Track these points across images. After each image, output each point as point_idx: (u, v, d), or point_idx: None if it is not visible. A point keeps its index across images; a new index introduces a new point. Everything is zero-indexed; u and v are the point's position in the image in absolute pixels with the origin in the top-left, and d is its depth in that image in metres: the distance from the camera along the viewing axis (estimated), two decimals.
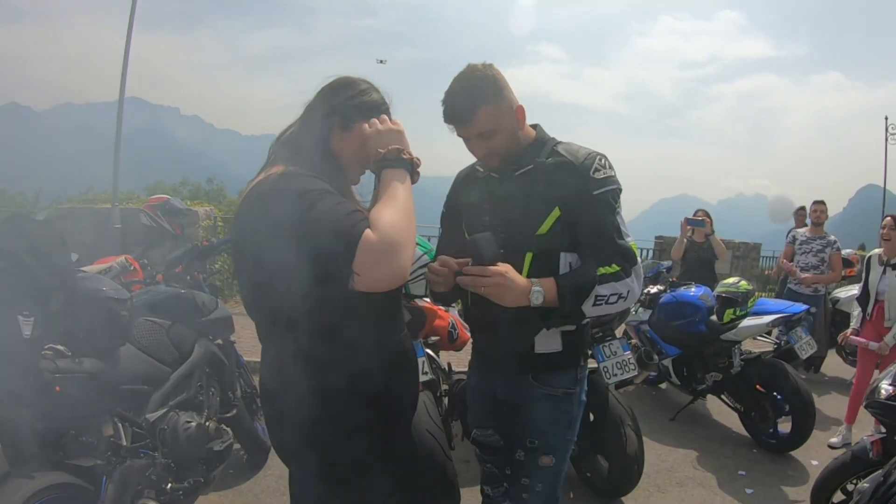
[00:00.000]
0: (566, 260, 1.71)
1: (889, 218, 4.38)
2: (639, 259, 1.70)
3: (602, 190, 1.66)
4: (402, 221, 1.26)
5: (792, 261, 5.99)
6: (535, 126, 1.83)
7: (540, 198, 1.69)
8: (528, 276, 1.63)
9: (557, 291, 1.60)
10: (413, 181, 1.41)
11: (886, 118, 17.29)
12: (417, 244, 3.00)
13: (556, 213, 1.68)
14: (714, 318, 4.39)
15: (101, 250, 7.73)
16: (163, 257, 3.59)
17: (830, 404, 5.12)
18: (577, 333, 1.79)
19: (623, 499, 3.34)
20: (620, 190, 1.71)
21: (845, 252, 6.61)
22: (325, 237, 1.19)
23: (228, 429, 2.92)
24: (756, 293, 4.47)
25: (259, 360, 1.48)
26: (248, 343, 4.31)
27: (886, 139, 16.91)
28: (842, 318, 6.11)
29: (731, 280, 4.44)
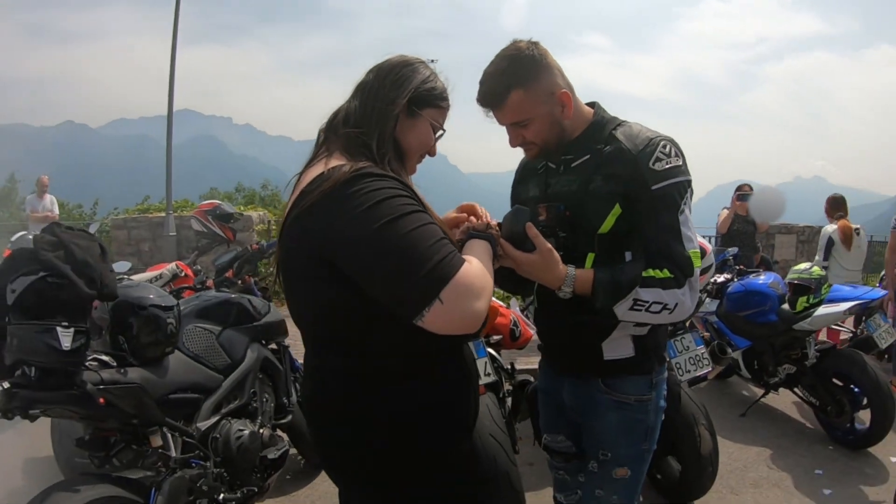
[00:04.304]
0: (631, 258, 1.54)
1: None
2: (697, 271, 1.48)
3: (663, 184, 1.45)
4: (488, 274, 1.18)
5: None
6: (592, 104, 1.64)
7: (599, 193, 1.51)
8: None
9: (592, 285, 1.44)
10: (494, 254, 1.31)
11: None
12: None
13: (617, 209, 1.49)
14: (786, 306, 4.12)
15: (156, 259, 7.96)
16: (215, 262, 3.59)
17: None
18: (652, 336, 1.62)
19: (695, 502, 3.16)
20: (689, 182, 1.50)
21: None
22: (406, 259, 1.06)
23: (284, 435, 2.88)
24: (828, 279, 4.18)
25: None
26: (302, 345, 4.32)
27: None
28: None
29: (802, 266, 4.16)
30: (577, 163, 1.58)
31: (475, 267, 1.12)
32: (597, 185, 1.51)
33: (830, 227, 5.78)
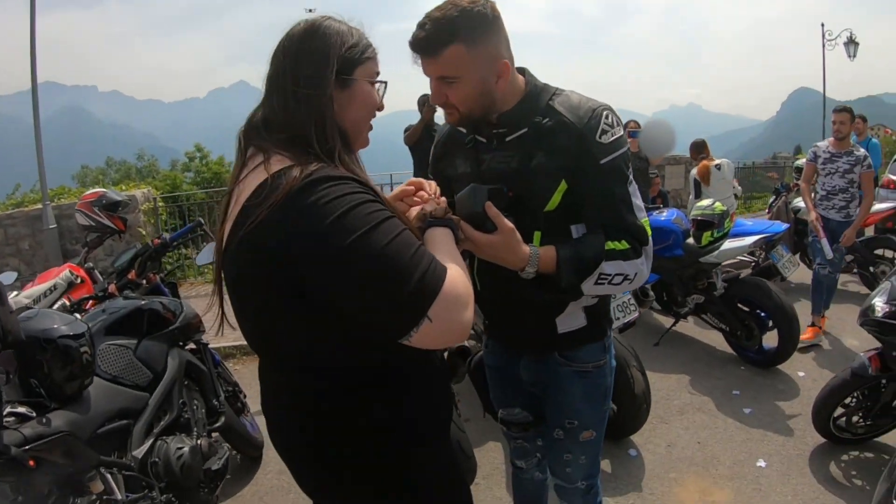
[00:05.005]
0: (578, 232, 1.51)
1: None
2: (650, 239, 1.48)
3: (611, 157, 1.41)
4: (466, 274, 1.08)
5: (814, 181, 4.82)
6: (522, 71, 1.53)
7: (543, 169, 1.44)
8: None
9: (556, 262, 1.39)
10: (456, 240, 1.21)
11: (823, 25, 17.34)
12: None
13: (563, 186, 1.44)
14: (691, 240, 4.36)
15: (38, 256, 7.27)
16: (111, 258, 3.27)
17: (802, 311, 5.21)
18: (601, 303, 1.63)
19: (631, 437, 3.34)
20: (629, 149, 1.48)
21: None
22: (387, 277, 0.96)
23: (220, 438, 2.73)
24: (730, 213, 4.44)
25: (228, 343, 1.23)
26: (209, 324, 4.04)
27: (824, 45, 17.00)
28: (804, 227, 6.19)
29: (705, 203, 4.39)
30: (512, 137, 1.49)
31: (457, 272, 1.04)
32: (540, 160, 1.45)
33: (693, 171, 6.58)
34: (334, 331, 1.06)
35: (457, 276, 1.02)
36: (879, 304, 2.70)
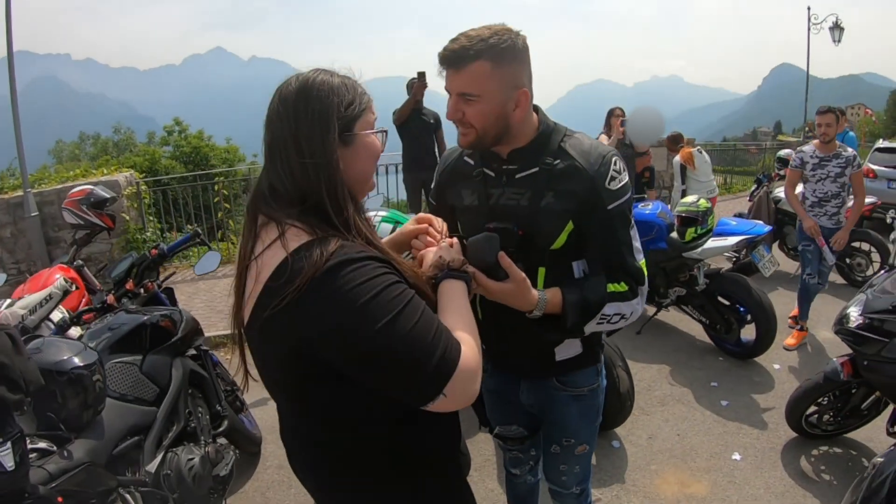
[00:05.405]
0: (579, 268, 1.60)
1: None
2: (647, 279, 1.57)
3: (618, 203, 1.49)
4: (477, 343, 1.13)
5: (798, 188, 4.70)
6: (536, 110, 1.57)
7: (552, 210, 1.51)
8: (542, 289, 1.52)
9: (562, 306, 1.48)
10: (469, 293, 1.27)
11: (809, 8, 17.48)
12: (396, 220, 2.83)
13: (569, 226, 1.52)
14: (675, 235, 4.49)
15: (21, 244, 7.15)
16: (95, 243, 3.18)
17: (779, 300, 5.33)
18: (595, 332, 1.70)
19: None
20: (633, 194, 1.56)
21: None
22: (410, 361, 1.02)
23: (226, 442, 2.82)
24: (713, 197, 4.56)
25: (218, 332, 1.28)
26: (200, 312, 4.00)
27: (809, 29, 17.12)
28: (783, 216, 6.40)
29: (689, 199, 4.52)
30: (522, 175, 1.55)
31: (469, 347, 1.10)
32: (549, 201, 1.51)
33: (677, 158, 6.95)
34: (359, 394, 1.12)
35: (469, 352, 1.09)
36: (854, 314, 2.83)
